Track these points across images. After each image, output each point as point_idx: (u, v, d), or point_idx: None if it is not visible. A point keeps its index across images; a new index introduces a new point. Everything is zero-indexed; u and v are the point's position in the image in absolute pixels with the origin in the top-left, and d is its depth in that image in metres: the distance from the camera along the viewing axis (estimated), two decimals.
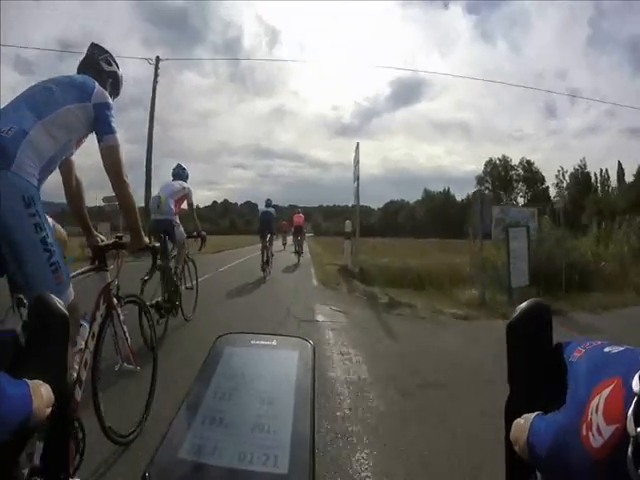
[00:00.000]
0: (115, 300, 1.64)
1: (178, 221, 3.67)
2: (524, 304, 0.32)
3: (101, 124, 1.48)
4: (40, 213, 1.24)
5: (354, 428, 2.08)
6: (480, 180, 64.52)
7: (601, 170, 50.37)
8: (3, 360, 0.31)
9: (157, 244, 2.10)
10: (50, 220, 1.34)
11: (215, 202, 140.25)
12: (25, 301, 1.19)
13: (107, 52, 1.73)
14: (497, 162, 63.11)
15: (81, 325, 1.43)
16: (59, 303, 0.34)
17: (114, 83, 1.73)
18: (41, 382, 0.30)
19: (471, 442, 1.93)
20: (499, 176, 61.77)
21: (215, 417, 0.34)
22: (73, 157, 1.63)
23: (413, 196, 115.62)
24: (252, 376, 0.39)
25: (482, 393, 2.40)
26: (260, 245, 8.12)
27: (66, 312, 0.34)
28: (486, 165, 63.62)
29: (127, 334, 1.72)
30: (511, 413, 0.30)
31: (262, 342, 0.45)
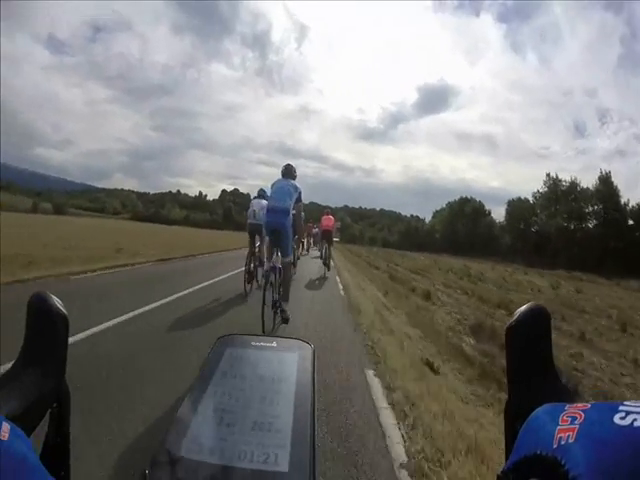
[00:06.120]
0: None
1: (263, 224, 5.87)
2: (523, 307, 0.33)
3: (298, 199, 4.18)
4: (291, 229, 4.17)
5: None
6: None
7: None
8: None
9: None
10: None
11: (225, 190, 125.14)
12: (279, 253, 4.16)
13: (293, 166, 4.42)
14: None
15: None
16: (58, 303, 0.35)
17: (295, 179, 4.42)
18: None
19: None
20: None
21: (215, 416, 0.35)
22: None
23: (434, 207, 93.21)
24: (253, 376, 0.41)
25: None
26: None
27: (65, 312, 0.35)
28: None
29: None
30: (510, 415, 0.32)
31: (262, 344, 0.47)
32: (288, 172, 4.35)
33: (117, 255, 9.77)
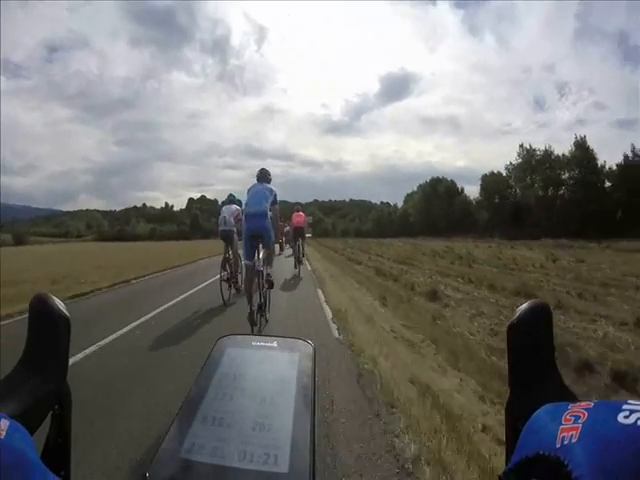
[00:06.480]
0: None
1: (235, 230, 6.25)
2: (525, 305, 0.32)
3: (274, 201, 4.38)
4: (272, 231, 4.34)
5: None
6: None
7: None
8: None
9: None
10: None
11: (191, 199, 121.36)
12: (261, 251, 4.39)
13: (268, 170, 4.66)
14: None
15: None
16: (60, 304, 0.35)
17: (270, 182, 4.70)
18: None
19: None
20: None
21: (216, 417, 0.35)
22: None
23: (402, 193, 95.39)
24: (253, 377, 0.41)
25: None
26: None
27: (67, 313, 0.35)
28: None
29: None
30: (511, 413, 0.32)
31: (263, 343, 0.46)
32: (263, 176, 4.60)
33: (52, 288, 8.21)
